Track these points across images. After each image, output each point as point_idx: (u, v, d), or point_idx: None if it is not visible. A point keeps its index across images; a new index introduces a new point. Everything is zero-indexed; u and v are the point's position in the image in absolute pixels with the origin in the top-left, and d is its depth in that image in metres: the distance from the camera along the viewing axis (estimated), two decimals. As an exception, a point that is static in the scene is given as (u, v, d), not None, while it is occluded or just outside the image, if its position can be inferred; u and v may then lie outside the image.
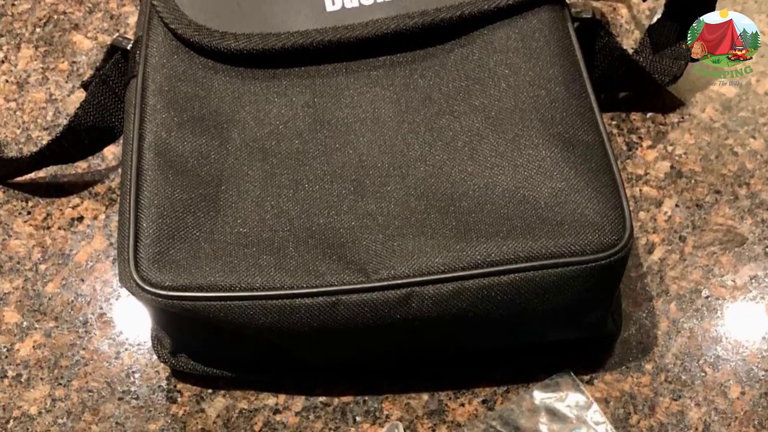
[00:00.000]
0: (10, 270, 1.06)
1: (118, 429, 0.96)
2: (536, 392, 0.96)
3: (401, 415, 0.96)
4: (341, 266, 0.87)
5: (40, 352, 1.01)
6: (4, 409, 0.97)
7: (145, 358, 1.00)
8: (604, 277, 0.88)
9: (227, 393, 0.98)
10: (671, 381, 0.97)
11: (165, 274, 0.87)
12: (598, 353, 0.99)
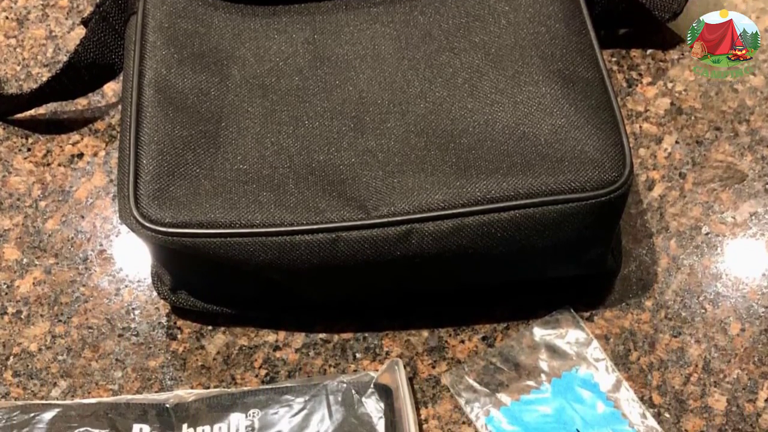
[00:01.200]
0: (9, 207, 1.04)
1: (118, 365, 0.94)
2: (536, 329, 0.95)
3: (401, 351, 0.95)
4: (341, 203, 0.86)
5: (40, 288, 0.99)
6: (4, 345, 0.96)
7: (145, 294, 0.99)
8: (604, 213, 0.86)
9: (227, 330, 0.97)
10: (671, 318, 0.95)
11: (165, 210, 0.86)
12: (598, 290, 0.98)
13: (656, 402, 0.91)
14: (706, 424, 0.90)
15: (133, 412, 0.89)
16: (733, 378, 0.92)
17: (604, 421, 0.89)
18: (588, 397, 0.91)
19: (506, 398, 0.91)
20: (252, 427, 0.87)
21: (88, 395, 0.93)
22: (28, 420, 0.87)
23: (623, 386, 0.91)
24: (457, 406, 0.92)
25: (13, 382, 0.94)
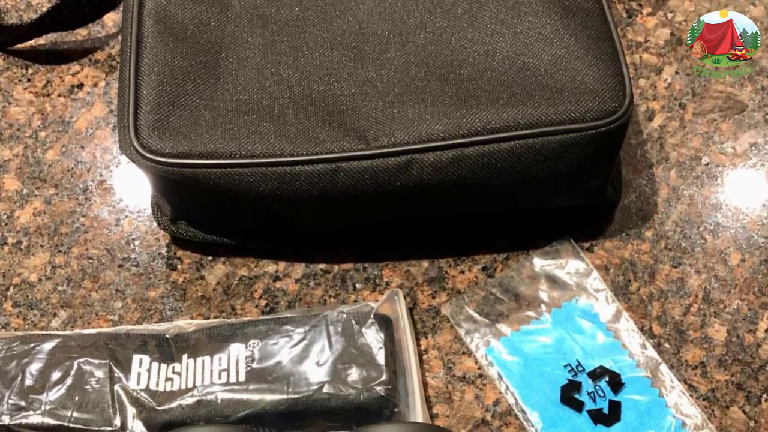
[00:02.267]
0: (10, 137, 1.01)
1: (118, 296, 0.92)
2: (536, 259, 0.92)
3: (401, 282, 0.92)
4: (341, 133, 0.84)
5: (40, 219, 0.96)
6: (4, 276, 0.94)
7: (145, 225, 0.96)
8: (604, 144, 0.84)
9: (227, 260, 0.94)
10: (671, 248, 0.93)
11: (165, 141, 0.84)
12: (598, 220, 0.95)
13: (656, 332, 0.89)
14: (706, 355, 0.87)
15: (133, 343, 0.86)
16: (733, 308, 0.89)
17: (604, 351, 0.87)
18: (588, 327, 0.88)
19: (506, 329, 0.89)
20: (252, 357, 0.84)
21: (88, 326, 0.91)
22: (28, 350, 0.85)
23: (623, 317, 0.89)
24: (457, 337, 0.89)
25: (13, 312, 0.92)
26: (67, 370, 0.84)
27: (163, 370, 0.85)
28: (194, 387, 0.83)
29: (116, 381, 0.83)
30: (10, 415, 0.81)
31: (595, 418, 0.83)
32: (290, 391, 0.82)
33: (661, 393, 0.85)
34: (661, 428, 0.83)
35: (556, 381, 0.86)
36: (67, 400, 0.82)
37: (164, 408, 0.82)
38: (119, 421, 0.81)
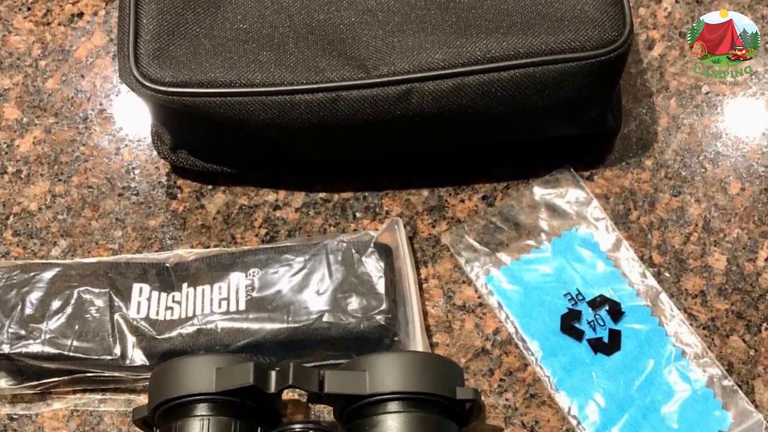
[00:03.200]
0: (9, 66, 0.98)
1: (118, 225, 0.89)
2: (536, 188, 0.89)
3: (401, 211, 0.89)
4: (341, 62, 0.80)
5: (40, 148, 0.93)
6: (4, 205, 0.90)
7: (145, 154, 0.92)
8: (604, 73, 0.81)
9: (227, 189, 0.90)
10: (671, 177, 0.89)
11: (165, 70, 0.80)
12: (598, 149, 0.91)
13: (656, 261, 0.86)
14: (706, 284, 0.84)
15: (133, 272, 0.83)
16: (733, 237, 0.86)
17: (604, 280, 0.84)
18: (588, 256, 0.85)
19: (506, 257, 0.86)
20: (252, 286, 0.81)
21: (88, 254, 0.88)
22: (28, 279, 0.82)
23: (623, 245, 0.86)
24: (457, 266, 0.86)
25: (13, 241, 0.89)
26: (67, 299, 0.81)
27: (163, 299, 0.82)
28: (194, 316, 0.80)
29: (116, 310, 0.80)
30: (10, 344, 0.78)
31: (595, 347, 0.81)
32: (290, 320, 0.79)
33: (661, 322, 0.82)
34: (661, 357, 0.80)
35: (556, 310, 0.83)
36: (67, 329, 0.79)
37: (164, 337, 0.79)
38: (119, 350, 0.78)
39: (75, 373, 0.79)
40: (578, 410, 0.78)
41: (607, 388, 0.79)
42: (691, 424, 0.77)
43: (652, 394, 0.78)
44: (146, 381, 0.77)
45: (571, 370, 0.80)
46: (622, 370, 0.80)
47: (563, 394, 0.79)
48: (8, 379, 0.80)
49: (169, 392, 0.71)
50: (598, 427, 0.77)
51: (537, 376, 0.81)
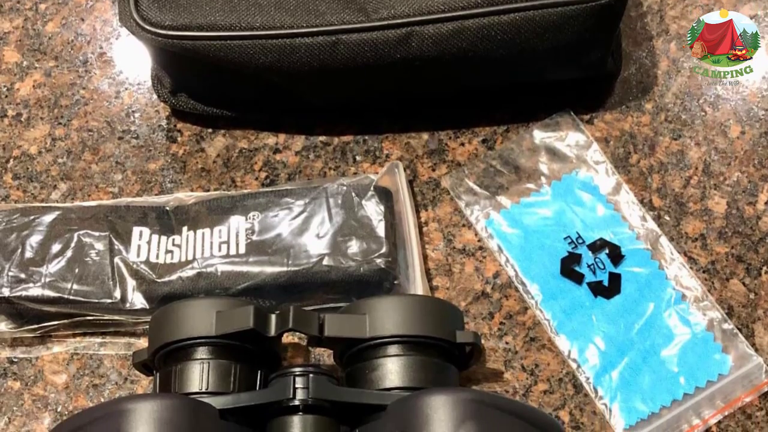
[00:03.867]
0: (9, 9, 0.94)
1: (118, 168, 0.86)
2: (536, 131, 0.86)
3: (401, 154, 0.86)
4: (341, 5, 0.78)
5: (40, 91, 0.90)
6: (4, 148, 0.88)
7: (145, 97, 0.90)
8: (604, 16, 0.78)
9: (227, 132, 0.88)
10: (671, 120, 0.86)
11: (165, 13, 0.78)
12: (598, 93, 0.89)
13: (656, 205, 0.83)
14: (706, 227, 0.82)
15: (133, 215, 0.81)
16: (733, 181, 0.84)
17: (604, 223, 0.82)
18: (588, 199, 0.83)
19: (506, 201, 0.83)
20: (252, 229, 0.79)
21: (88, 198, 0.85)
22: (28, 223, 0.79)
23: (623, 189, 0.83)
24: (457, 209, 0.84)
25: (13, 184, 0.86)
26: (67, 243, 0.78)
27: (163, 242, 0.79)
28: (194, 259, 0.78)
29: (116, 253, 0.78)
30: (10, 288, 0.76)
31: (595, 291, 0.78)
32: (290, 264, 0.77)
33: (661, 265, 0.79)
34: (660, 300, 0.78)
35: (556, 253, 0.80)
36: (67, 273, 0.77)
37: (164, 280, 0.77)
38: (119, 293, 0.76)
39: (75, 317, 0.77)
40: (578, 353, 0.76)
41: (607, 331, 0.77)
42: (691, 367, 0.75)
43: (652, 338, 0.76)
44: (146, 324, 0.75)
45: (571, 314, 0.78)
46: (622, 314, 0.77)
47: (563, 337, 0.77)
48: (8, 322, 0.78)
49: (169, 336, 0.69)
50: (598, 370, 0.75)
51: (537, 320, 0.79)
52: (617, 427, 0.73)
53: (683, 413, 0.73)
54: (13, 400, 0.76)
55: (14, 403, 0.76)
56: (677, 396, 0.74)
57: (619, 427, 0.73)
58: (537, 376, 0.76)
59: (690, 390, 0.74)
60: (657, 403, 0.74)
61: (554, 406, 0.75)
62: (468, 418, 0.60)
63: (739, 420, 0.74)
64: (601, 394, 0.75)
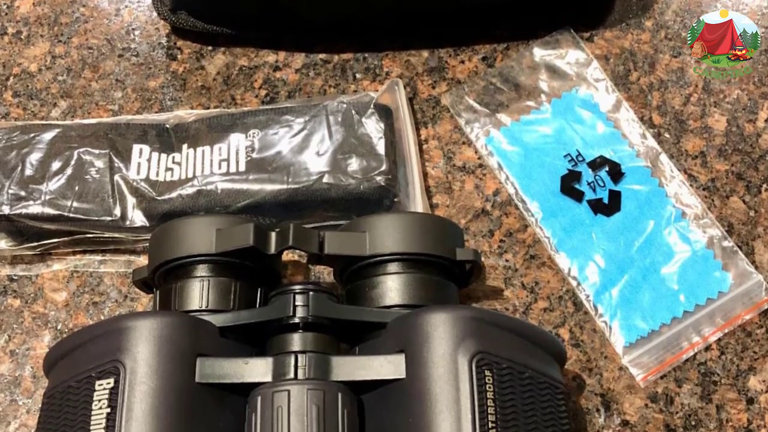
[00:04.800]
0: (8, -74, 0.90)
1: (118, 86, 0.82)
2: (536, 49, 0.82)
3: (401, 72, 0.82)
4: None
5: (40, 9, 0.86)
6: (4, 66, 0.84)
7: (145, 15, 0.85)
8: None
9: (227, 50, 0.84)
10: (671, 38, 0.82)
11: None
12: (598, 10, 0.84)
13: (656, 122, 0.79)
14: (706, 145, 0.78)
15: (133, 133, 0.77)
16: (733, 98, 0.80)
17: (604, 141, 0.78)
18: (588, 117, 0.79)
19: (506, 118, 0.79)
20: (252, 147, 0.75)
21: (88, 116, 0.81)
22: (28, 140, 0.76)
23: (623, 106, 0.79)
24: (457, 127, 0.80)
25: (13, 102, 0.82)
26: (67, 160, 0.75)
27: (163, 160, 0.76)
28: (194, 177, 0.74)
29: (116, 171, 0.75)
30: (9, 205, 0.73)
31: (595, 208, 0.75)
32: (290, 181, 0.74)
33: (661, 183, 0.76)
34: (660, 218, 0.74)
35: (556, 171, 0.77)
36: (67, 190, 0.73)
37: (164, 198, 0.73)
38: (119, 211, 0.73)
39: (75, 234, 0.73)
40: (578, 271, 0.73)
41: (607, 249, 0.73)
42: (691, 285, 0.72)
43: (652, 255, 0.73)
44: (146, 242, 0.72)
45: (571, 231, 0.75)
46: (622, 231, 0.74)
47: (563, 255, 0.74)
48: (8, 240, 0.74)
49: (168, 253, 0.65)
50: (598, 288, 0.72)
51: (537, 237, 0.75)
52: (617, 344, 0.71)
53: (683, 331, 0.71)
54: (13, 318, 0.73)
55: (14, 321, 0.73)
56: (677, 314, 0.71)
57: (619, 344, 0.70)
58: (537, 293, 0.73)
59: (690, 308, 0.71)
60: (657, 320, 0.71)
61: (554, 324, 0.72)
62: (468, 335, 0.58)
63: (739, 337, 0.71)
64: (601, 311, 0.72)
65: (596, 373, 0.70)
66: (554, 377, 0.61)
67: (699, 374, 0.70)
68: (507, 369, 0.58)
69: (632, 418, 0.69)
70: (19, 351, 0.72)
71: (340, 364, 0.60)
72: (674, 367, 0.70)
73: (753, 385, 0.70)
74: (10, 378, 0.71)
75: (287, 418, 0.57)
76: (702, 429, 0.68)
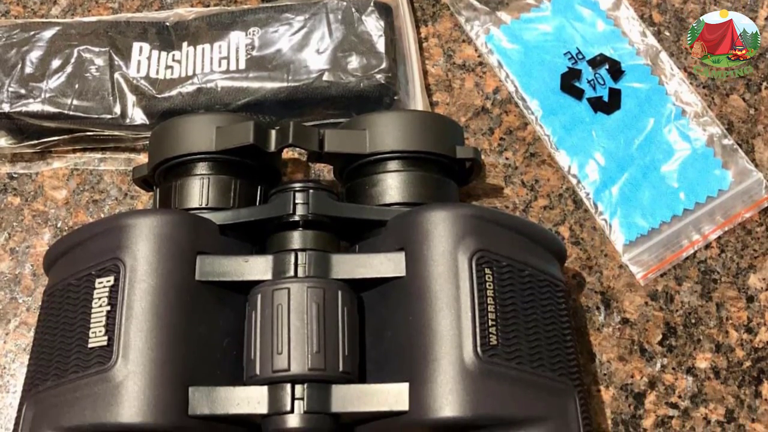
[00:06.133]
0: None
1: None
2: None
3: (401, -30, 0.77)
4: None
5: None
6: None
7: None
8: None
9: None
10: (673, -65, 0.78)
11: None
12: None
13: (656, 20, 0.75)
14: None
15: (133, 31, 0.73)
16: (734, -6, 0.75)
17: (604, 39, 0.73)
18: (588, 15, 0.74)
19: (506, 16, 0.75)
20: (252, 45, 0.71)
21: (88, 13, 0.77)
22: (28, 38, 0.71)
23: (623, 4, 0.75)
24: (457, 25, 0.75)
25: (13, 0, 0.77)
26: (67, 58, 0.70)
27: (163, 57, 0.72)
28: (194, 75, 0.70)
29: (116, 69, 0.70)
30: (10, 103, 0.68)
31: (594, 106, 0.71)
32: (290, 79, 0.69)
33: (661, 81, 0.72)
34: (660, 116, 0.70)
35: (556, 69, 0.73)
36: (67, 88, 0.69)
37: (164, 96, 0.69)
38: (119, 108, 0.69)
39: (75, 132, 0.69)
40: (578, 169, 0.69)
41: (606, 147, 0.70)
42: (691, 182, 0.68)
43: (652, 153, 0.69)
44: (146, 140, 0.68)
45: (571, 129, 0.71)
46: (622, 129, 0.70)
47: (563, 153, 0.70)
48: (8, 138, 0.70)
49: (169, 151, 0.62)
50: (598, 185, 0.68)
51: (537, 135, 0.71)
52: (617, 242, 0.67)
53: (683, 229, 0.67)
54: (13, 216, 0.69)
55: (14, 219, 0.69)
56: (677, 212, 0.67)
57: (619, 242, 0.67)
58: (537, 191, 0.70)
59: (690, 206, 0.67)
60: (657, 218, 0.67)
61: (554, 222, 0.68)
62: (468, 233, 0.55)
63: (738, 235, 0.68)
64: (601, 209, 0.68)
65: (596, 271, 0.67)
66: (554, 275, 0.58)
67: (699, 272, 0.67)
68: (507, 267, 0.55)
69: (632, 316, 0.66)
70: (19, 249, 0.69)
71: (340, 262, 0.57)
72: (674, 265, 0.67)
73: (753, 283, 0.67)
74: (10, 276, 0.68)
75: (287, 316, 0.54)
76: (702, 327, 0.65)
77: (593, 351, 0.64)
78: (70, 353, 0.53)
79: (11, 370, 0.65)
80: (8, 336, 0.66)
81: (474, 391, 0.51)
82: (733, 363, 0.64)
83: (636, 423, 0.63)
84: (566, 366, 0.55)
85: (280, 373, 0.53)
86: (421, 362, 0.53)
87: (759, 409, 0.63)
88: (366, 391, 0.54)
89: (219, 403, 0.53)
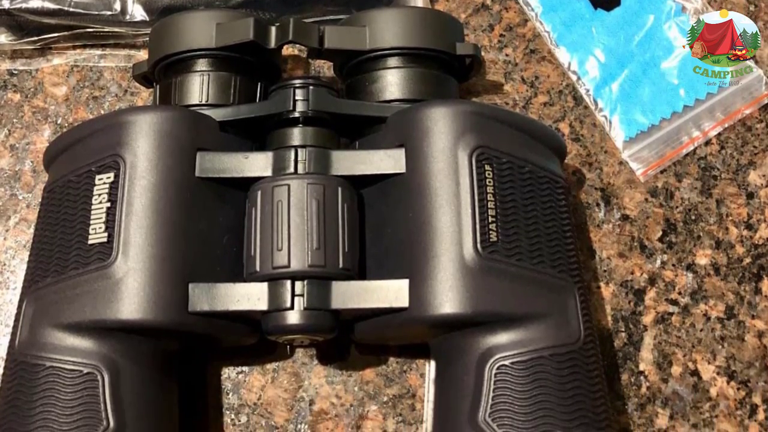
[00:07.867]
0: None
1: None
2: None
3: None
4: None
5: None
6: None
7: None
8: None
9: None
10: None
11: None
12: None
13: None
14: (708, -61, 0.69)
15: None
16: None
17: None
18: None
19: None
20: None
21: None
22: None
23: None
24: None
25: None
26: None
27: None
28: (194, -29, 0.66)
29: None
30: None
31: (595, 2, 0.66)
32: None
33: (662, -23, 0.67)
34: (660, 12, 0.66)
35: (557, -35, 0.68)
36: (67, -13, 0.65)
37: (164, -4, 0.65)
38: (119, 5, 0.64)
39: (75, 29, 0.65)
40: (578, 65, 0.65)
41: (607, 43, 0.65)
42: (691, 79, 0.64)
43: (652, 50, 0.65)
44: (146, 37, 0.64)
45: (571, 26, 0.66)
46: (622, 26, 0.66)
47: (563, 49, 0.66)
48: (8, 34, 0.66)
49: (169, 48, 0.58)
50: (598, 82, 0.64)
51: (537, 32, 0.67)
52: (617, 139, 0.63)
53: (683, 125, 0.63)
54: (13, 112, 0.65)
55: (14, 115, 0.65)
56: (677, 108, 0.63)
57: (619, 139, 0.63)
58: (537, 88, 0.65)
59: (690, 102, 0.63)
60: (657, 115, 0.63)
61: (554, 118, 0.64)
62: (468, 129, 0.51)
63: (739, 132, 0.64)
64: (601, 106, 0.64)
65: (596, 168, 0.63)
66: (554, 171, 0.54)
67: (699, 169, 0.63)
68: (507, 163, 0.52)
69: (632, 213, 0.62)
70: (19, 145, 0.65)
71: (340, 158, 0.54)
72: (674, 161, 0.63)
73: (753, 179, 0.63)
74: (10, 172, 0.64)
75: (287, 212, 0.51)
76: (702, 223, 0.62)
77: (593, 248, 0.61)
78: (70, 250, 0.51)
79: (11, 267, 0.62)
80: (8, 232, 0.62)
81: (474, 288, 0.49)
82: (733, 259, 0.61)
83: (636, 319, 0.60)
84: (566, 262, 0.52)
85: (280, 270, 0.51)
86: (421, 259, 0.50)
87: (759, 305, 0.60)
88: (366, 288, 0.51)
89: (219, 299, 0.51)
